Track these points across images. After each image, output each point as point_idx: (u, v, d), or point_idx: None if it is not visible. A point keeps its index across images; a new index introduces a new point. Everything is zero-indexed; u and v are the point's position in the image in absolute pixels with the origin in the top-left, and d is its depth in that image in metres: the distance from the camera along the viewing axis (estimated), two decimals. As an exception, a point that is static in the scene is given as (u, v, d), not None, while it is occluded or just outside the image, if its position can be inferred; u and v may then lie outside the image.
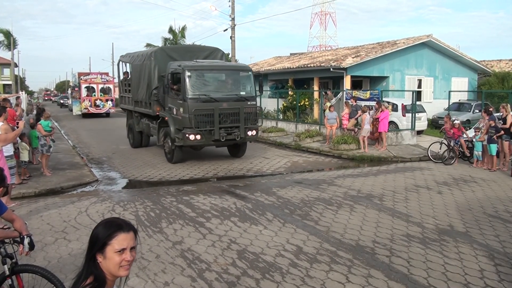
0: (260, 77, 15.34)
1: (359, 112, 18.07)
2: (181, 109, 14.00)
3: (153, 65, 15.96)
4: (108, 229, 2.36)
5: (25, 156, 12.18)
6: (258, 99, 16.04)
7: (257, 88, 15.46)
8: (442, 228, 8.10)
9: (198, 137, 13.83)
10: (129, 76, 19.68)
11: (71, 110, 42.35)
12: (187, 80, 13.92)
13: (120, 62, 21.00)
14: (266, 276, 6.04)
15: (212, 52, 17.37)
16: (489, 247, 7.17)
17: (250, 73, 15.48)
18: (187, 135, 13.77)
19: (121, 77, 21.18)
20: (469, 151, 15.09)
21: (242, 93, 15.10)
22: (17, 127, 10.91)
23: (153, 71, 15.92)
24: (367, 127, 17.04)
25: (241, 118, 14.35)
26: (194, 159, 15.96)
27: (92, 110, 38.89)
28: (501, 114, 14.33)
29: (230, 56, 31.38)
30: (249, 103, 14.79)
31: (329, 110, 19.08)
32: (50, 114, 13.93)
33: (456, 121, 15.60)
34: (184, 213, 9.12)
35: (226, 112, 14.13)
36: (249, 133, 14.80)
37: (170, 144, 14.96)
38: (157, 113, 15.79)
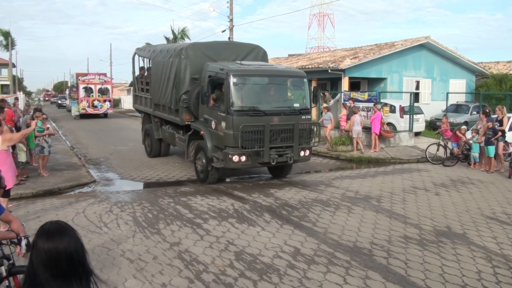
0: (316, 86, 12.50)
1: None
2: (223, 124, 11.30)
3: (183, 64, 13.09)
4: None
5: (22, 157, 12.16)
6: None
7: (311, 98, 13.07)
8: (439, 230, 8.11)
9: (244, 158, 11.31)
10: (146, 73, 16.93)
11: (70, 111, 41.89)
12: (232, 88, 11.23)
13: (136, 56, 17.95)
14: (264, 278, 6.04)
15: (253, 51, 14.21)
16: (487, 248, 7.18)
17: (305, 80, 12.60)
18: (230, 156, 11.21)
19: (137, 73, 18.24)
20: (464, 155, 15.12)
21: (296, 104, 12.31)
22: (14, 128, 10.91)
23: (184, 72, 13.06)
24: (356, 128, 17.02)
25: (295, 136, 11.61)
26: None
27: (90, 110, 38.82)
28: (497, 116, 14.39)
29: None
30: (303, 117, 12.03)
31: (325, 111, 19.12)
32: (41, 114, 13.49)
33: (463, 127, 15.69)
34: (181, 214, 9.11)
35: (277, 129, 11.45)
36: (302, 153, 12.09)
37: (204, 162, 12.22)
38: (187, 123, 13.12)
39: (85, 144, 21.50)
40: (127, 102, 65.49)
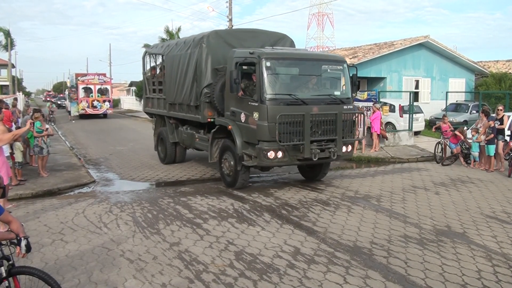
0: (354, 73, 11.48)
1: None
2: (256, 115, 10.13)
3: (205, 54, 11.91)
4: None
5: (18, 157, 12.12)
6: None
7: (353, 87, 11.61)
8: (439, 229, 8.10)
9: (280, 154, 10.12)
10: (159, 72, 15.72)
11: (69, 112, 41.67)
12: (265, 73, 10.09)
13: (147, 55, 16.73)
14: (264, 277, 6.03)
15: (280, 40, 13.04)
16: (487, 247, 7.17)
17: (345, 65, 11.43)
18: (265, 151, 10.02)
19: (148, 74, 17.01)
20: (463, 154, 15.13)
21: (337, 93, 11.19)
22: (13, 128, 10.90)
23: (205, 62, 11.91)
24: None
25: (338, 128, 10.47)
26: (192, 160, 15.94)
27: (90, 111, 38.85)
28: (497, 115, 14.39)
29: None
30: (345, 107, 10.88)
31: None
32: (40, 115, 13.50)
33: (465, 127, 15.74)
34: (181, 214, 9.11)
35: (318, 120, 10.28)
36: (345, 148, 10.94)
37: (232, 162, 11.08)
38: (209, 120, 11.99)
39: (84, 144, 21.50)
40: (127, 102, 65.60)
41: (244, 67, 10.65)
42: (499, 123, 13.92)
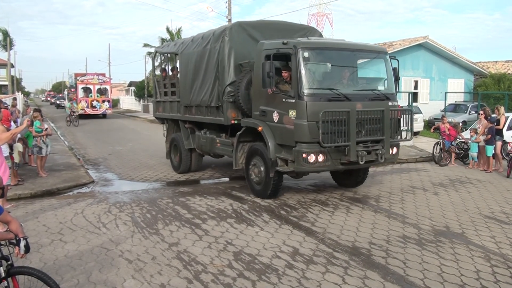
0: (396, 66, 10.41)
1: None
2: (292, 113, 9.06)
3: (227, 48, 10.80)
4: None
5: (16, 158, 12.11)
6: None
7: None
8: (438, 229, 8.11)
9: (321, 158, 9.00)
10: (171, 73, 14.90)
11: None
12: (302, 65, 8.96)
13: (157, 55, 15.93)
14: (262, 278, 6.04)
15: (307, 33, 11.68)
16: (485, 248, 7.18)
17: (387, 57, 10.37)
18: (304, 155, 8.89)
19: (158, 76, 16.05)
20: (461, 152, 15.19)
21: (380, 87, 10.26)
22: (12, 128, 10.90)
23: (227, 58, 10.80)
24: None
25: (385, 127, 9.48)
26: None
27: (89, 111, 38.87)
28: (495, 115, 14.44)
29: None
30: (390, 103, 9.87)
31: None
32: (39, 114, 13.50)
33: (460, 124, 15.81)
34: (180, 214, 9.11)
35: (363, 118, 9.24)
36: (390, 150, 9.96)
37: (263, 168, 9.94)
38: (233, 121, 10.89)
39: (83, 144, 21.49)
40: (126, 102, 65.61)
41: (281, 58, 9.53)
42: (496, 124, 13.96)
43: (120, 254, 6.90)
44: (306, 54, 9.08)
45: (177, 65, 14.02)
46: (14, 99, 23.15)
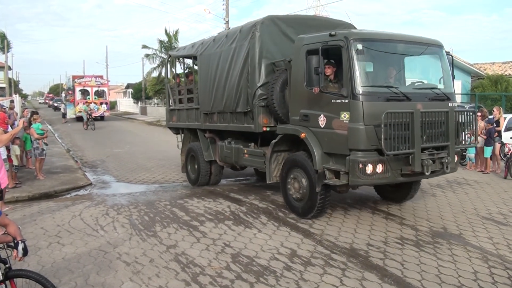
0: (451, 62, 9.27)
1: None
2: (344, 115, 7.70)
3: (258, 46, 9.57)
4: None
5: (14, 160, 12.12)
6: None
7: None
8: (435, 231, 8.12)
9: (380, 168, 7.62)
10: (187, 78, 13.93)
11: (64, 116, 41.05)
12: (355, 59, 7.67)
13: (171, 60, 14.69)
14: (260, 280, 6.04)
15: (345, 29, 9.73)
16: (483, 249, 7.20)
17: (443, 51, 9.18)
18: (362, 165, 7.48)
19: (171, 83, 14.93)
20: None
21: (440, 86, 8.93)
22: (8, 131, 10.87)
23: (258, 56, 9.58)
24: None
25: (450, 132, 8.15)
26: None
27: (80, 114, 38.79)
28: (493, 116, 14.47)
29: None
30: (450, 104, 8.57)
31: None
32: (38, 117, 13.61)
33: None
34: (178, 216, 9.11)
35: (427, 121, 7.87)
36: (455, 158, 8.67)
37: (305, 182, 8.56)
38: (265, 128, 9.68)
39: (81, 146, 21.48)
40: (124, 105, 65.63)
41: (329, 51, 8.21)
42: (495, 125, 14.00)
43: (118, 256, 6.90)
44: (359, 47, 7.79)
45: (196, 68, 12.70)
46: (12, 101, 23.14)
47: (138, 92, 57.19)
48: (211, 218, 8.94)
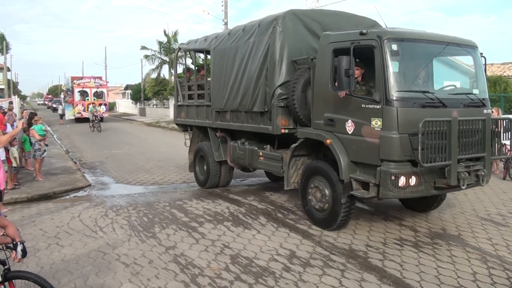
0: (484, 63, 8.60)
1: None
2: (376, 122, 7.01)
3: (279, 41, 8.91)
4: None
5: (13, 162, 12.11)
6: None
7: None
8: (434, 232, 8.13)
9: (414, 180, 6.95)
10: (198, 73, 13.13)
11: (62, 118, 40.66)
12: (389, 60, 7.00)
13: (181, 53, 14.13)
14: (259, 281, 6.04)
15: (372, 27, 8.90)
16: (482, 250, 7.20)
17: (477, 52, 8.58)
18: (394, 177, 6.80)
19: (180, 77, 14.33)
20: None
21: (475, 91, 8.36)
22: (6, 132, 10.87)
23: (279, 53, 8.91)
24: None
25: (486, 141, 7.53)
26: (188, 162, 15.92)
27: (85, 114, 38.78)
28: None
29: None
30: (485, 111, 7.88)
31: None
32: (39, 118, 13.71)
33: None
34: (177, 217, 9.10)
35: (464, 129, 7.23)
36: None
37: (328, 192, 7.95)
38: (283, 130, 9.00)
39: (80, 148, 21.47)
40: (122, 106, 65.63)
41: (358, 51, 7.35)
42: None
43: (117, 258, 6.89)
44: (394, 47, 7.11)
45: (208, 63, 12.03)
46: (11, 102, 23.11)
47: (137, 93, 57.19)
48: (210, 219, 8.94)
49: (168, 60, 45.62)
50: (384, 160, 6.96)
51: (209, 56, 12.03)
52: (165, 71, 47.72)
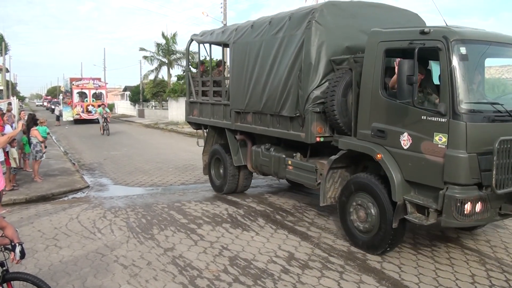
0: None
1: None
2: (440, 138, 6.02)
3: (316, 38, 7.79)
4: None
5: (12, 163, 12.10)
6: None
7: None
8: (433, 234, 8.13)
9: (479, 207, 6.02)
10: (215, 68, 12.12)
11: (58, 119, 40.35)
12: (457, 67, 5.98)
13: (193, 44, 12.63)
14: (258, 283, 6.04)
15: (411, 22, 8.91)
16: (480, 252, 7.21)
17: None
18: (459, 203, 5.87)
19: (194, 72, 13.33)
20: None
21: None
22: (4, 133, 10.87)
23: (317, 51, 7.80)
24: None
25: None
26: (187, 164, 15.94)
27: (84, 116, 38.79)
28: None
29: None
30: None
31: None
32: (45, 120, 13.95)
33: None
34: (175, 219, 9.10)
35: None
36: None
37: (374, 212, 6.92)
38: (319, 139, 7.94)
39: (78, 149, 21.44)
40: (121, 107, 65.57)
41: (419, 53, 6.14)
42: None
43: (115, 259, 6.89)
44: (463, 50, 6.07)
45: (229, 58, 10.77)
46: (9, 103, 23.13)
47: (136, 95, 57.20)
48: (209, 221, 8.93)
49: (166, 61, 45.65)
50: (449, 183, 6.00)
51: (227, 50, 10.97)
52: (164, 73, 47.81)
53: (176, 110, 38.37)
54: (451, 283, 6.06)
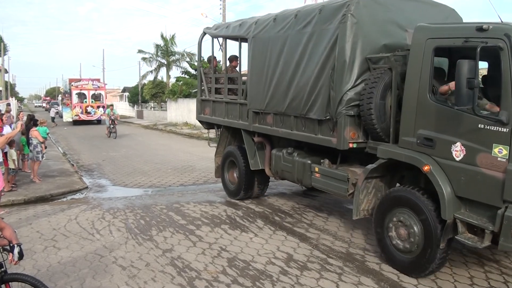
0: None
1: None
2: (500, 150, 5.32)
3: (351, 35, 7.04)
4: None
5: (11, 165, 12.09)
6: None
7: None
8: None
9: None
10: (229, 64, 11.01)
11: (53, 120, 39.83)
12: None
13: (206, 38, 11.70)
14: (257, 284, 6.04)
15: (449, 17, 8.13)
16: (479, 254, 7.21)
17: None
18: None
19: (206, 67, 12.70)
20: None
21: None
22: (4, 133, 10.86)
23: (351, 48, 7.04)
24: None
25: None
26: (186, 165, 15.93)
27: (83, 117, 38.75)
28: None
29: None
30: None
31: None
32: (45, 120, 14.01)
33: None
34: (174, 220, 9.09)
35: None
36: None
37: (417, 231, 6.17)
38: (352, 145, 7.17)
39: (77, 150, 21.42)
40: (120, 108, 65.46)
41: (483, 53, 5.38)
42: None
43: (113, 260, 6.88)
44: None
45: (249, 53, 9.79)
46: (8, 104, 23.13)
47: (135, 96, 57.16)
48: (208, 222, 8.93)
49: (165, 62, 45.66)
50: (509, 201, 5.30)
51: (244, 45, 10.20)
52: (163, 74, 47.81)
53: (175, 111, 38.37)
54: (449, 284, 6.07)
